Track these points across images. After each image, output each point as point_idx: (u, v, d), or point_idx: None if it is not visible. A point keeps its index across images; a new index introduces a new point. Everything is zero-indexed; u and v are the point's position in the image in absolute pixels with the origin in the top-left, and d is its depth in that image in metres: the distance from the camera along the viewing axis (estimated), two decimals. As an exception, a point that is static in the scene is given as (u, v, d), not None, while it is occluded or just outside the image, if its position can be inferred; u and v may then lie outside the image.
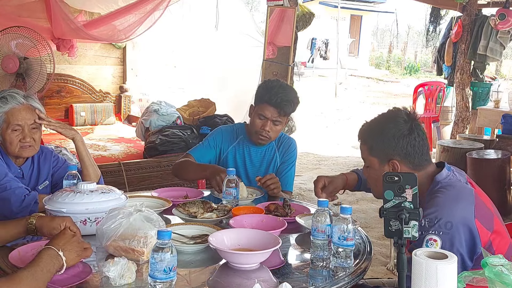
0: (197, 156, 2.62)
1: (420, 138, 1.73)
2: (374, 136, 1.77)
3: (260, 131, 2.52)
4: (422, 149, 1.73)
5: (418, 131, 1.74)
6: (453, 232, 1.56)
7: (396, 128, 1.72)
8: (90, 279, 1.51)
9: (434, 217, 1.58)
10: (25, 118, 2.12)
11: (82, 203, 1.79)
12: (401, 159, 1.72)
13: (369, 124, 1.83)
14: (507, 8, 6.42)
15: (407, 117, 1.75)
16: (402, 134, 1.71)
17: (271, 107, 2.48)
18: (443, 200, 1.63)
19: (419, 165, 1.73)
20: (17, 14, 5.17)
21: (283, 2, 4.50)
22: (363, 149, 1.82)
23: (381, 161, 1.75)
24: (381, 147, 1.74)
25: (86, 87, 6.48)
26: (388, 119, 1.78)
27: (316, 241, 1.64)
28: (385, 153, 1.73)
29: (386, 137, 1.73)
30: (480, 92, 7.08)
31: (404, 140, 1.71)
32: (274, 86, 2.52)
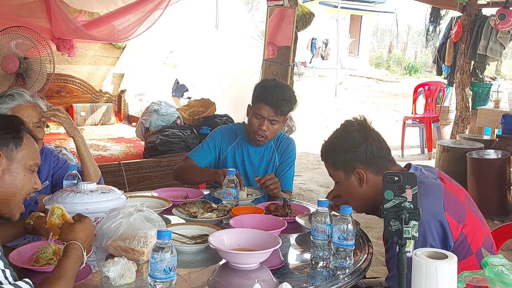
0: (197, 158, 2.62)
1: (376, 142, 1.77)
2: (333, 151, 1.82)
3: (257, 130, 2.53)
4: (381, 152, 1.77)
5: (372, 136, 1.78)
6: (424, 227, 1.57)
7: (350, 138, 1.77)
8: (90, 279, 1.52)
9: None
10: (30, 115, 2.13)
11: (82, 203, 1.79)
12: (364, 166, 1.75)
13: (327, 142, 1.88)
14: (507, 8, 6.42)
15: (358, 126, 1.80)
16: (358, 142, 1.76)
17: (267, 106, 2.48)
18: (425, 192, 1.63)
19: (383, 168, 1.75)
20: (17, 14, 5.17)
21: (283, 2, 4.50)
22: (328, 167, 1.86)
23: (346, 173, 1.78)
24: (341, 160, 1.78)
25: (86, 87, 6.47)
26: (341, 132, 1.84)
27: (316, 241, 1.64)
28: (347, 165, 1.77)
29: (343, 149, 1.77)
30: (480, 92, 7.09)
31: (361, 148, 1.75)
32: (270, 85, 2.53)
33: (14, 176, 1.46)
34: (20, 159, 1.47)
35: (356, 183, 1.78)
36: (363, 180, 1.76)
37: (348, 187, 1.80)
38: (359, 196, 1.79)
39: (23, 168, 1.49)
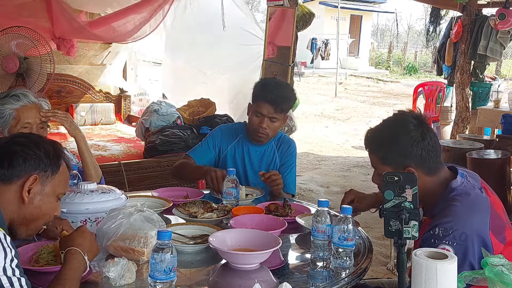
0: (197, 157, 2.62)
1: (433, 142, 1.69)
2: (386, 145, 1.70)
3: (258, 128, 2.52)
4: (436, 153, 1.69)
5: (430, 135, 1.69)
6: (467, 244, 1.52)
7: (408, 135, 1.67)
8: (90, 279, 1.52)
9: (450, 227, 1.54)
10: (35, 116, 2.14)
11: (82, 203, 1.79)
12: (417, 166, 1.67)
13: (378, 133, 1.76)
14: (507, 8, 6.42)
15: (416, 121, 1.70)
16: (416, 140, 1.66)
17: (267, 104, 2.48)
18: (459, 210, 1.59)
19: (434, 169, 1.69)
20: (18, 14, 5.16)
21: (283, 2, 4.50)
22: (374, 159, 1.75)
23: (396, 169, 1.68)
24: (394, 156, 1.68)
25: (86, 87, 6.47)
26: (398, 126, 1.71)
27: (316, 241, 1.64)
28: (399, 162, 1.67)
29: (399, 146, 1.67)
30: (480, 92, 7.08)
31: (418, 147, 1.66)
32: (269, 83, 2.55)
33: (43, 201, 1.46)
34: (53, 186, 1.48)
35: None
36: None
37: None
38: None
39: (52, 195, 1.49)
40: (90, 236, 1.53)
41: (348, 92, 16.20)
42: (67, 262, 1.41)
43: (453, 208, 1.60)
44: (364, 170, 6.70)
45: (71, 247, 1.45)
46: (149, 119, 5.08)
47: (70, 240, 1.48)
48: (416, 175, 1.60)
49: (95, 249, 1.52)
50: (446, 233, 1.54)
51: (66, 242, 1.48)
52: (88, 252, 1.46)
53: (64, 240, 1.51)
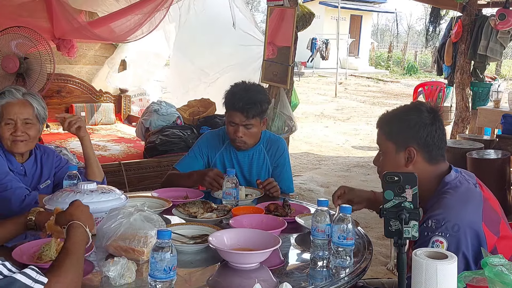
0: (183, 168, 2.59)
1: (440, 131, 1.72)
2: (394, 121, 1.76)
3: (234, 138, 2.51)
4: (440, 143, 1.72)
5: (439, 124, 1.73)
6: (459, 235, 1.54)
7: (419, 117, 1.71)
8: (90, 278, 1.52)
9: (442, 219, 1.56)
10: (17, 112, 2.14)
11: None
12: (419, 148, 1.70)
13: (391, 112, 1.81)
14: (507, 8, 6.42)
15: (430, 109, 1.74)
16: (424, 123, 1.70)
17: (237, 112, 2.45)
18: (451, 202, 1.61)
19: (434, 159, 1.72)
20: (18, 14, 5.16)
21: (283, 2, 4.50)
22: (380, 134, 1.80)
23: (398, 147, 1.72)
24: (400, 133, 1.72)
25: (86, 87, 6.47)
26: (412, 108, 1.77)
27: (316, 241, 1.64)
28: (403, 139, 1.71)
29: (407, 124, 1.71)
30: (480, 92, 7.08)
31: (426, 129, 1.69)
32: (237, 91, 2.49)
33: None
34: None
35: (403, 161, 1.72)
36: (411, 160, 1.70)
37: (392, 160, 1.74)
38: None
39: None
40: (86, 208, 1.57)
41: (348, 92, 16.20)
42: (71, 236, 1.43)
43: (445, 200, 1.62)
44: (364, 170, 6.69)
45: (71, 220, 1.48)
46: (149, 119, 5.08)
47: (69, 215, 1.51)
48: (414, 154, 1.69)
49: (92, 222, 1.57)
50: (438, 224, 1.56)
51: (65, 217, 1.51)
52: (87, 224, 1.50)
53: (61, 216, 1.54)
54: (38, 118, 2.20)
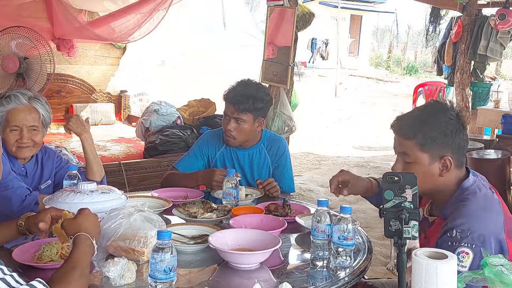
0: (183, 168, 2.59)
1: (467, 134, 1.67)
2: (428, 130, 1.62)
3: (225, 130, 2.51)
4: (467, 146, 1.68)
5: (465, 125, 1.67)
6: (485, 246, 1.50)
7: (450, 122, 1.63)
8: (90, 279, 1.51)
9: (467, 229, 1.52)
10: (23, 119, 2.12)
11: (82, 203, 1.79)
12: (453, 155, 1.63)
13: (417, 118, 1.67)
14: (507, 8, 6.42)
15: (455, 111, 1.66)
16: (457, 128, 1.63)
17: (229, 104, 2.47)
18: (474, 210, 1.57)
19: (461, 163, 1.67)
20: (17, 14, 5.17)
21: (283, 2, 4.50)
22: (409, 145, 1.65)
23: (432, 157, 1.63)
24: (436, 142, 1.62)
25: (86, 87, 6.48)
26: (440, 112, 1.65)
27: (316, 241, 1.64)
28: (439, 149, 1.62)
29: (443, 132, 1.61)
30: (480, 92, 7.08)
31: (459, 136, 1.63)
32: (236, 84, 2.51)
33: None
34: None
35: (437, 171, 1.63)
36: (447, 169, 1.63)
37: (426, 172, 1.63)
38: (431, 183, 1.64)
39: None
40: (94, 218, 1.56)
41: (348, 92, 16.20)
42: (78, 247, 1.43)
43: (467, 208, 1.57)
44: (364, 170, 6.69)
45: (79, 232, 1.47)
46: (149, 119, 5.08)
47: (77, 225, 1.50)
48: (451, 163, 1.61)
49: (98, 231, 1.56)
50: (464, 235, 1.51)
51: (73, 227, 1.50)
52: (94, 235, 1.50)
53: (70, 225, 1.52)
54: (43, 124, 2.19)
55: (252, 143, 2.59)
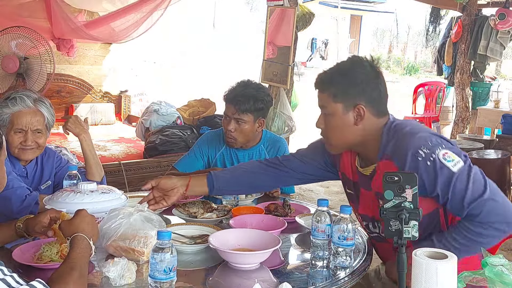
0: (183, 168, 2.58)
1: (384, 84, 1.71)
2: (340, 81, 1.68)
3: (226, 131, 2.51)
4: (385, 96, 1.71)
5: (382, 77, 1.71)
6: (444, 140, 1.60)
7: (363, 72, 1.67)
8: (90, 279, 1.51)
9: (424, 138, 1.58)
10: (28, 122, 2.11)
11: (82, 203, 1.79)
12: (367, 104, 1.67)
13: (332, 71, 1.73)
14: (507, 8, 6.43)
15: (371, 63, 1.71)
16: (370, 77, 1.67)
17: (229, 104, 2.48)
18: (414, 127, 1.66)
19: (381, 112, 1.71)
20: (17, 14, 5.17)
21: (283, 2, 4.50)
22: (324, 97, 1.72)
23: (346, 106, 1.68)
24: (347, 92, 1.67)
25: (86, 87, 6.48)
26: (354, 64, 1.71)
27: (316, 241, 1.64)
28: (351, 98, 1.67)
29: (353, 81, 1.66)
30: (480, 92, 7.09)
31: (372, 84, 1.67)
32: (236, 85, 2.51)
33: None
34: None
35: (352, 120, 1.68)
36: (361, 118, 1.67)
37: (341, 122, 1.69)
38: (349, 134, 1.70)
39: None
40: (91, 219, 1.55)
41: (348, 92, 16.17)
42: (75, 248, 1.43)
43: (408, 129, 1.64)
44: (364, 170, 6.68)
45: (76, 232, 1.47)
46: (149, 119, 5.09)
47: (74, 226, 1.50)
48: (364, 111, 1.66)
49: (96, 232, 1.55)
50: (431, 143, 1.57)
51: (70, 228, 1.50)
52: (92, 236, 1.49)
53: (67, 226, 1.52)
54: (47, 127, 2.19)
55: (253, 143, 2.59)
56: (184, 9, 6.20)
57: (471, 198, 1.53)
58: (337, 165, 1.91)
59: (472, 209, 1.53)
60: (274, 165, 1.99)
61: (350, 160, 1.84)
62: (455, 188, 1.54)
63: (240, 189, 2.08)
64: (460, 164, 1.55)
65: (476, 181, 1.54)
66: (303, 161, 1.97)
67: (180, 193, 1.90)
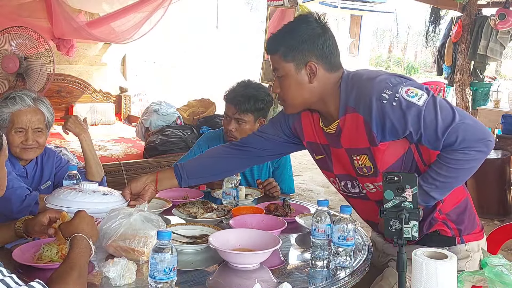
0: None
1: (332, 38, 1.69)
2: (287, 40, 1.66)
3: (227, 131, 2.52)
4: (336, 50, 1.70)
5: (329, 32, 1.69)
6: (407, 79, 1.61)
7: (309, 28, 1.65)
8: (90, 279, 1.51)
9: (384, 80, 1.58)
10: (29, 121, 2.11)
11: (84, 202, 1.76)
12: (318, 60, 1.65)
13: (280, 31, 1.71)
14: (507, 8, 6.43)
15: (317, 19, 1.69)
16: (317, 33, 1.65)
17: (230, 104, 2.48)
18: (371, 73, 1.65)
19: (334, 66, 1.69)
20: (17, 14, 5.18)
21: (283, 2, 4.51)
22: (275, 59, 1.70)
23: (297, 65, 1.66)
24: (296, 50, 1.65)
25: (86, 87, 6.48)
26: (300, 21, 1.70)
27: (316, 241, 1.64)
28: (301, 56, 1.65)
29: (301, 39, 1.64)
30: (480, 92, 7.09)
31: (320, 40, 1.65)
32: (237, 86, 2.52)
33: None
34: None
35: (306, 78, 1.67)
36: (314, 75, 1.66)
37: (295, 81, 1.68)
38: (306, 92, 1.69)
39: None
40: (91, 220, 1.55)
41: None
42: (74, 248, 1.43)
43: (366, 76, 1.64)
44: (364, 170, 6.69)
45: (75, 233, 1.47)
46: (149, 119, 5.09)
47: (73, 227, 1.50)
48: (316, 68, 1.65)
49: (96, 233, 1.56)
50: (391, 83, 1.58)
51: (69, 229, 1.50)
52: (91, 236, 1.49)
53: (66, 227, 1.53)
54: (47, 126, 2.20)
55: None
56: (184, 9, 6.19)
57: (443, 126, 1.53)
58: (300, 135, 1.90)
59: (447, 137, 1.53)
60: (236, 146, 2.00)
61: (313, 124, 1.82)
62: (425, 120, 1.54)
63: (209, 176, 2.06)
64: (424, 96, 1.55)
65: (443, 109, 1.54)
66: (264, 137, 1.96)
67: (152, 189, 1.91)
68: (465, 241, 1.76)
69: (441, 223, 1.75)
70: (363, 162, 1.68)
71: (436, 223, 1.74)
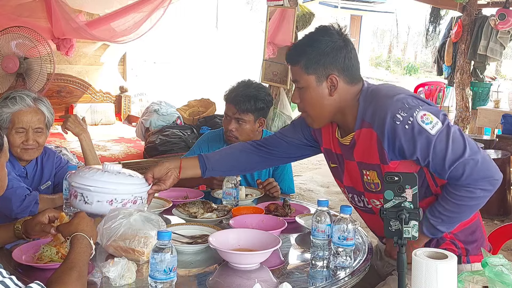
0: None
1: (354, 51, 1.69)
2: (309, 52, 1.66)
3: (227, 131, 2.52)
4: (357, 62, 1.70)
5: (351, 44, 1.69)
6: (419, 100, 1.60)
7: (331, 41, 1.65)
8: (90, 279, 1.51)
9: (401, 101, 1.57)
10: (30, 121, 2.12)
11: (110, 182, 1.70)
12: (339, 74, 1.65)
13: (301, 42, 1.71)
14: (507, 8, 6.43)
15: (339, 31, 1.69)
16: (339, 46, 1.65)
17: (230, 104, 2.49)
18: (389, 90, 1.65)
19: (355, 79, 1.69)
20: (17, 14, 5.18)
21: (283, 2, 4.51)
22: (296, 70, 1.70)
23: (318, 78, 1.66)
24: (318, 63, 1.65)
25: (86, 87, 6.48)
26: (321, 32, 1.68)
27: (316, 241, 1.64)
28: (323, 69, 1.65)
29: (323, 52, 1.64)
30: (480, 92, 7.09)
31: (342, 53, 1.65)
32: (236, 85, 2.52)
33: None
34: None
35: (327, 91, 1.67)
36: (335, 87, 1.66)
37: (316, 93, 1.68)
38: (325, 104, 1.69)
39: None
40: (90, 221, 1.55)
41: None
42: (75, 247, 1.43)
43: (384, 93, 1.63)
44: (364, 170, 6.69)
45: (76, 232, 1.47)
46: (149, 119, 5.09)
47: (73, 226, 1.50)
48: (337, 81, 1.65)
49: (95, 233, 1.56)
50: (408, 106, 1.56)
51: (69, 229, 1.50)
52: (91, 236, 1.49)
53: (66, 227, 1.53)
54: (47, 126, 2.20)
55: None
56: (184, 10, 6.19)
57: (452, 158, 1.52)
58: (319, 140, 1.91)
59: (454, 170, 1.53)
60: (259, 146, 2.01)
61: (331, 133, 1.83)
62: (435, 149, 1.53)
63: (232, 169, 2.06)
64: (439, 125, 1.54)
65: (455, 141, 1.53)
66: (286, 141, 1.98)
67: (174, 176, 1.90)
68: (471, 261, 1.75)
69: (449, 242, 1.73)
70: (371, 178, 1.69)
71: (444, 242, 1.73)
